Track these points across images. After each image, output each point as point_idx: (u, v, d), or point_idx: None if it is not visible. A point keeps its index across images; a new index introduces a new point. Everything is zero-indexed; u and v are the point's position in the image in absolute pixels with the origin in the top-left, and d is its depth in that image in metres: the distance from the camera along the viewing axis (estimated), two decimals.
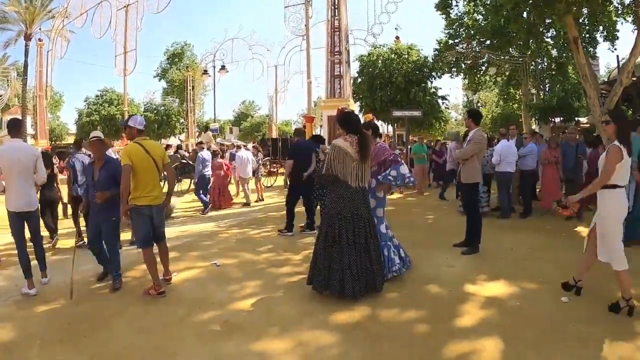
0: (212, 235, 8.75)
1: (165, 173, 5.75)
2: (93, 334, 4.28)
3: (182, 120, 41.51)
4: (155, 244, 5.51)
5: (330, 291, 4.91)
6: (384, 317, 4.58)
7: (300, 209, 9.07)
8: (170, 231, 8.71)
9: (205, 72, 31.67)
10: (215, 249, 7.50)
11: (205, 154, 12.00)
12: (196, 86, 40.54)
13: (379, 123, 29.71)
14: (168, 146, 19.33)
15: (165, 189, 5.85)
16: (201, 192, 11.83)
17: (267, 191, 15.90)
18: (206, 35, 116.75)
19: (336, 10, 16.13)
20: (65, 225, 9.09)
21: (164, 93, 45.48)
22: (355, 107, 19.67)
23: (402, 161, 5.80)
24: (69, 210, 8.83)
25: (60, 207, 8.58)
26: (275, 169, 19.38)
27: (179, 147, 20.74)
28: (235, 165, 13.35)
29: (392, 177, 5.47)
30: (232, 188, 14.21)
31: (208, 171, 11.94)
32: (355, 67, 21.50)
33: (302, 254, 6.92)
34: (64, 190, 8.35)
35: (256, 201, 13.62)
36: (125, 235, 7.71)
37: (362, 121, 5.67)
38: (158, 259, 5.53)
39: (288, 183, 10.26)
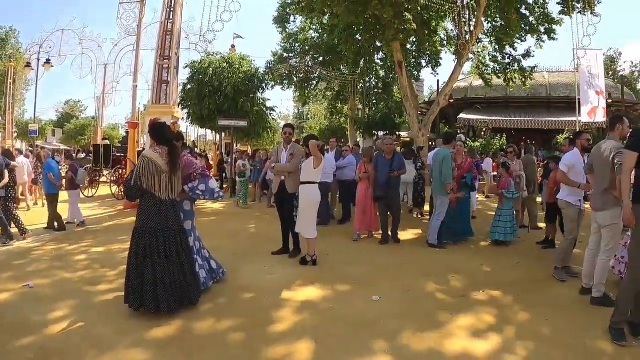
0: (26, 252, 7.84)
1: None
2: None
3: None
4: None
5: (146, 308, 4.75)
6: (199, 329, 4.55)
7: None
8: None
9: (28, 64, 28.43)
10: (30, 268, 6.78)
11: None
12: (17, 80, 36.39)
13: (207, 132, 29.35)
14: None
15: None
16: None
17: (88, 202, 14.73)
18: (35, 23, 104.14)
19: (171, 13, 15.58)
20: None
21: None
22: (181, 114, 19.16)
23: (211, 175, 5.85)
24: None
25: None
26: (96, 178, 17.78)
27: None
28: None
29: (201, 191, 5.44)
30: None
31: None
32: (187, 73, 21.02)
33: (118, 269, 6.53)
34: None
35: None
36: None
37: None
38: None
39: None
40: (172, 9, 15.54)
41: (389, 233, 8.79)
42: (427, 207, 11.13)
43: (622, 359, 3.98)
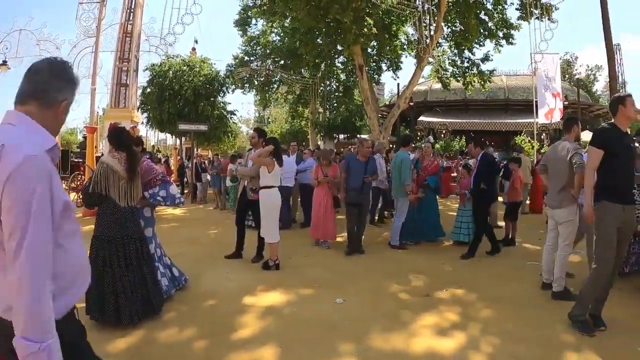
0: None
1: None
2: None
3: None
4: None
5: (107, 319, 4.60)
6: (162, 338, 4.44)
7: None
8: None
9: None
10: None
11: None
12: None
13: (167, 136, 28.79)
14: None
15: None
16: None
17: None
18: None
19: (131, 15, 15.24)
20: None
21: None
22: (141, 118, 18.78)
23: (172, 181, 5.73)
24: None
25: None
26: None
27: None
28: None
29: (162, 197, 5.32)
30: None
31: None
32: (146, 76, 20.59)
33: None
34: None
35: None
36: None
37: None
38: None
39: None
40: (132, 11, 15.25)
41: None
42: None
43: (584, 349, 4.09)
